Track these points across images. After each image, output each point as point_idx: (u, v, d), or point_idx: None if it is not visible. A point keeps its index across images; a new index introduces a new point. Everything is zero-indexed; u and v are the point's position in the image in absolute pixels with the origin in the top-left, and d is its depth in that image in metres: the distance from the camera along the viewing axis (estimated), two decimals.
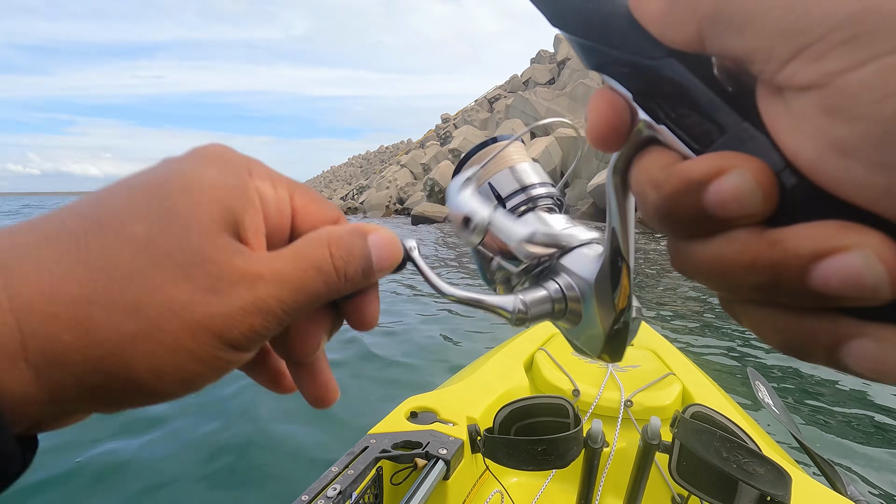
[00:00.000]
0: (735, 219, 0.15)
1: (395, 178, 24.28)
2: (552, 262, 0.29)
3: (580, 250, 0.28)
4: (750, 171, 0.14)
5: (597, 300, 0.27)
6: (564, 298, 0.28)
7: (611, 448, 1.03)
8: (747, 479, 0.63)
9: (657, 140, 0.18)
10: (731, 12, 0.14)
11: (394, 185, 23.63)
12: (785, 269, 0.14)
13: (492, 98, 29.62)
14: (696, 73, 0.17)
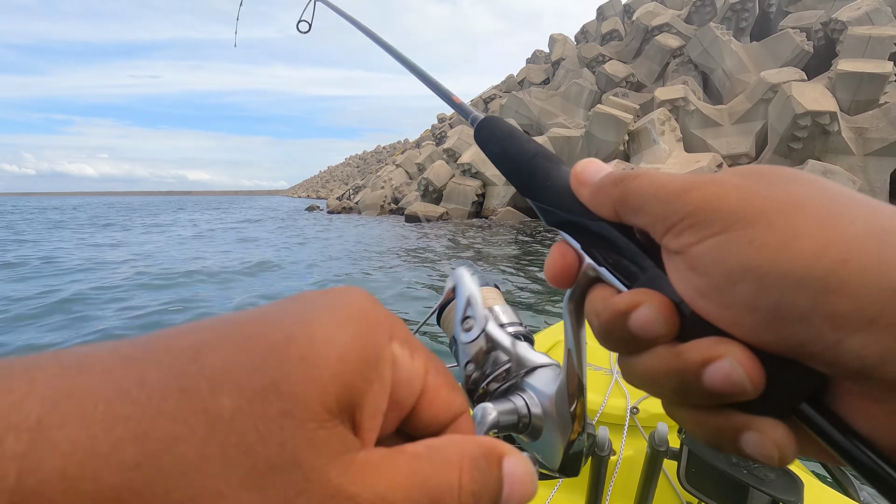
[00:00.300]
0: (651, 339, 0.20)
1: (391, 178, 24.28)
2: (519, 379, 0.32)
3: (543, 370, 0.32)
4: (655, 304, 0.20)
5: (556, 417, 0.30)
6: (529, 414, 0.31)
7: (618, 456, 1.01)
8: (758, 485, 0.62)
9: (600, 279, 0.24)
10: (630, 202, 0.22)
11: (388, 184, 23.63)
12: (687, 374, 0.19)
13: (487, 98, 29.57)
14: (623, 232, 0.23)
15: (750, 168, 0.20)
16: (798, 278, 0.17)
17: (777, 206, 0.18)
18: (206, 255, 9.48)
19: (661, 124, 13.49)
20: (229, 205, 55.02)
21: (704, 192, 0.19)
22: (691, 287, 0.20)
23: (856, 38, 13.65)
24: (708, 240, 0.19)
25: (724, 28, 16.93)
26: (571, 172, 0.25)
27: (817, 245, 0.17)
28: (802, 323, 0.17)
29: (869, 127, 11.06)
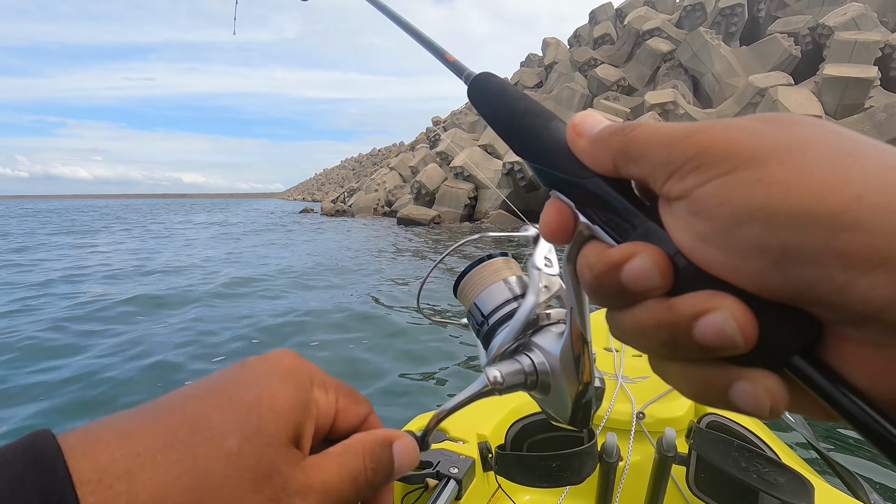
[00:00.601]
0: (644, 291, 0.20)
1: (384, 181, 24.33)
2: (525, 339, 0.34)
3: (549, 328, 0.34)
4: (650, 255, 0.20)
5: (563, 373, 0.32)
6: (536, 372, 0.33)
7: (625, 462, 0.99)
8: (768, 490, 0.60)
9: (594, 237, 0.24)
10: (631, 151, 0.21)
11: (382, 187, 23.68)
12: (678, 327, 0.19)
13: None
14: (617, 189, 0.23)
15: (757, 114, 0.20)
16: (810, 215, 0.16)
17: (789, 145, 0.17)
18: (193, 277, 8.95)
19: None
20: (222, 208, 53.52)
21: (712, 134, 0.19)
22: (692, 233, 0.19)
23: (842, 44, 13.82)
24: (714, 180, 0.18)
25: (713, 33, 17.10)
26: (568, 125, 0.25)
27: (832, 180, 0.16)
28: (811, 263, 0.16)
29: (854, 131, 11.19)
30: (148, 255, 10.20)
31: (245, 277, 7.21)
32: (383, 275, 7.49)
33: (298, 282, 6.85)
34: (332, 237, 13.49)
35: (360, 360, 3.70)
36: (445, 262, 6.15)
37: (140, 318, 4.91)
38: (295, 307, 5.30)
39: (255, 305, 5.45)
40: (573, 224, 0.25)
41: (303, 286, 6.54)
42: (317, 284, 6.68)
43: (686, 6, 19.87)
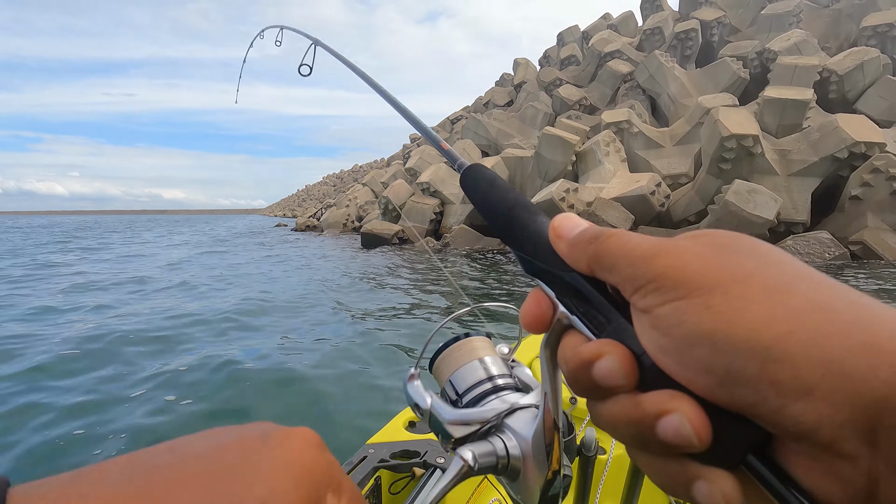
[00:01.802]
0: (612, 388, 0.22)
1: (356, 197, 24.47)
2: (500, 421, 0.35)
3: (521, 412, 0.35)
4: (617, 356, 0.22)
5: (534, 459, 0.32)
6: (508, 456, 0.33)
7: (608, 455, 1.03)
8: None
9: (572, 326, 0.25)
10: (604, 260, 0.24)
11: (353, 203, 23.80)
12: (643, 424, 0.21)
13: (454, 118, 30.21)
14: (594, 285, 0.25)
15: (709, 236, 0.23)
16: (747, 345, 0.19)
17: (731, 275, 0.20)
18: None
19: (606, 145, 14.07)
20: (183, 225, 51.41)
21: (669, 259, 0.22)
22: (654, 344, 0.21)
23: (783, 67, 14.58)
24: (670, 303, 0.21)
25: (668, 56, 17.84)
26: (550, 225, 0.27)
27: (765, 315, 0.19)
28: (750, 387, 0.19)
29: (791, 149, 11.78)
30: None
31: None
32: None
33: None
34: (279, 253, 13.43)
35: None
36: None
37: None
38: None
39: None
40: (552, 313, 0.27)
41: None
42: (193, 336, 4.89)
43: (646, 30, 20.71)
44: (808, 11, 18.80)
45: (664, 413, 0.20)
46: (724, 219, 10.68)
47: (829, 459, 0.18)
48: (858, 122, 11.28)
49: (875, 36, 15.84)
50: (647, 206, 12.46)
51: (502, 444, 0.33)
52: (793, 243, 10.16)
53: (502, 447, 0.33)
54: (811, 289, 0.20)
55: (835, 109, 13.91)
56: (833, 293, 0.19)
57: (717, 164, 11.63)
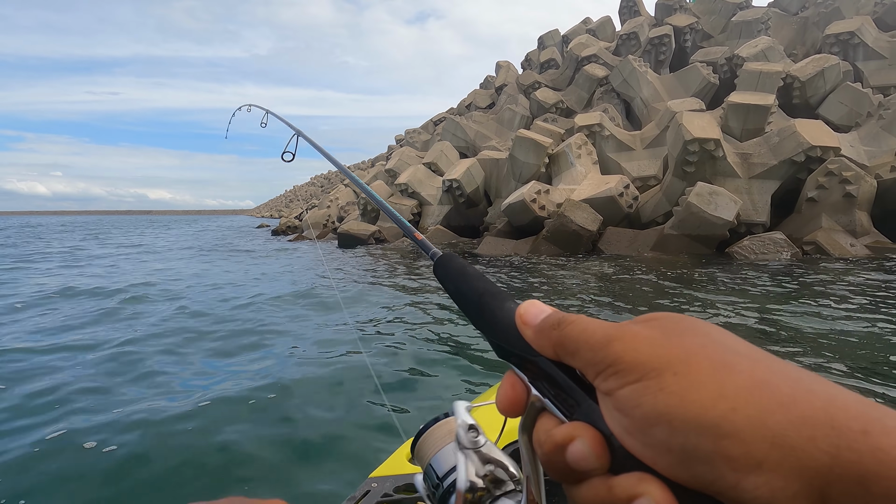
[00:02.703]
0: (586, 471, 0.24)
1: (338, 198, 24.57)
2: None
3: (506, 497, 0.35)
4: (588, 439, 0.24)
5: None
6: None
7: None
8: None
9: (545, 408, 0.27)
10: (567, 346, 0.26)
11: (335, 203, 23.90)
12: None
13: (437, 120, 30.45)
14: (563, 368, 0.26)
15: (658, 320, 0.25)
16: (699, 424, 0.20)
17: (679, 356, 0.22)
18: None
19: (578, 148, 14.39)
20: (167, 227, 47.50)
21: (624, 345, 0.23)
22: (619, 425, 0.23)
23: (749, 73, 15.05)
24: (628, 386, 0.22)
25: (641, 60, 18.26)
26: (516, 313, 0.29)
27: (712, 394, 0.20)
28: (707, 464, 0.20)
29: (753, 153, 12.19)
30: None
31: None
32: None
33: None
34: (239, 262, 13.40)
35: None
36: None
37: None
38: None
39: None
40: (526, 396, 0.28)
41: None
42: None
43: (622, 35, 21.14)
44: (777, 19, 19.38)
45: (634, 497, 0.21)
46: (687, 220, 11.03)
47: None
48: (815, 127, 11.72)
49: (837, 43, 16.40)
50: (615, 208, 12.78)
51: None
52: (749, 243, 10.53)
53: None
54: (752, 366, 0.21)
55: (799, 114, 14.39)
56: (772, 369, 0.21)
57: (682, 166, 12.00)
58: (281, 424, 2.84)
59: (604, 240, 12.47)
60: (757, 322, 4.79)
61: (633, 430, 0.22)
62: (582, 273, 8.73)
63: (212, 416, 2.85)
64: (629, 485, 0.22)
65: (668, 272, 8.61)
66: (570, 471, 0.24)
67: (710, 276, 7.93)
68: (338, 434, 2.71)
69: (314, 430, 2.75)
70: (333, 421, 2.89)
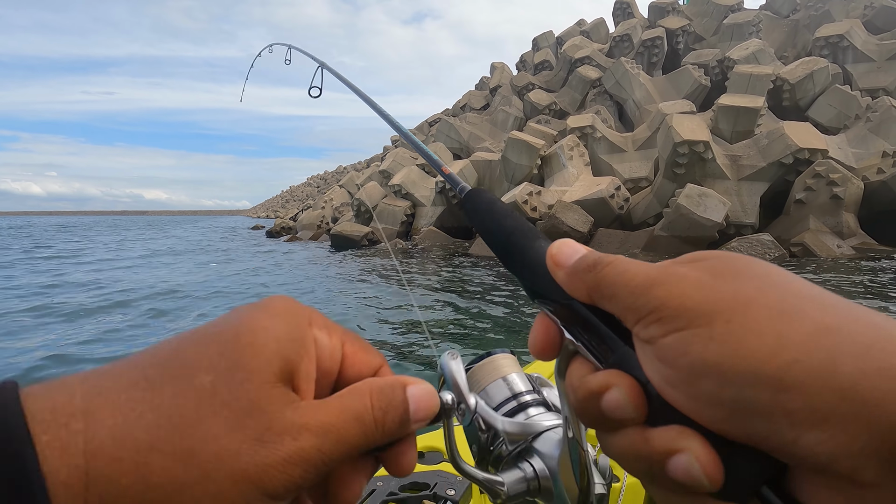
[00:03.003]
0: (621, 420, 0.22)
1: (332, 199, 24.59)
2: (527, 444, 0.35)
3: (548, 434, 0.35)
4: (625, 388, 0.22)
5: (563, 479, 0.32)
6: (538, 478, 0.33)
7: (622, 483, 1.00)
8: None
9: (578, 353, 0.26)
10: (603, 290, 0.24)
11: (329, 204, 23.92)
12: (653, 462, 0.21)
13: (432, 121, 30.51)
14: (597, 313, 0.25)
15: (708, 260, 0.23)
16: (755, 376, 0.18)
17: (732, 302, 0.20)
18: None
19: (570, 150, 14.48)
20: (153, 229, 45.48)
21: (668, 289, 0.22)
22: (659, 375, 0.21)
23: (739, 76, 15.17)
24: (672, 334, 0.21)
25: (633, 62, 18.37)
26: (547, 253, 0.27)
27: (771, 343, 0.18)
28: (762, 418, 0.18)
29: (742, 155, 12.30)
30: None
31: None
32: None
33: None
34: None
35: None
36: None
37: None
38: None
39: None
40: (560, 340, 0.27)
41: None
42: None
43: (615, 37, 21.26)
44: (768, 21, 19.53)
45: (673, 452, 0.20)
46: (677, 221, 11.12)
47: (850, 489, 0.17)
48: (803, 130, 11.84)
49: (827, 46, 16.55)
50: (606, 209, 12.87)
51: (531, 468, 0.34)
52: (737, 244, 10.63)
53: (531, 471, 0.34)
54: (820, 311, 0.19)
55: (788, 116, 14.51)
56: (845, 315, 0.19)
57: (672, 168, 12.09)
58: None
59: (595, 241, 12.55)
60: None
61: (677, 380, 0.20)
62: None
63: None
64: (668, 438, 0.21)
65: None
66: (604, 419, 0.23)
67: None
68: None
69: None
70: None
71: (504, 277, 8.41)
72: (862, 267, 8.68)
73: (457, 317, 5.65)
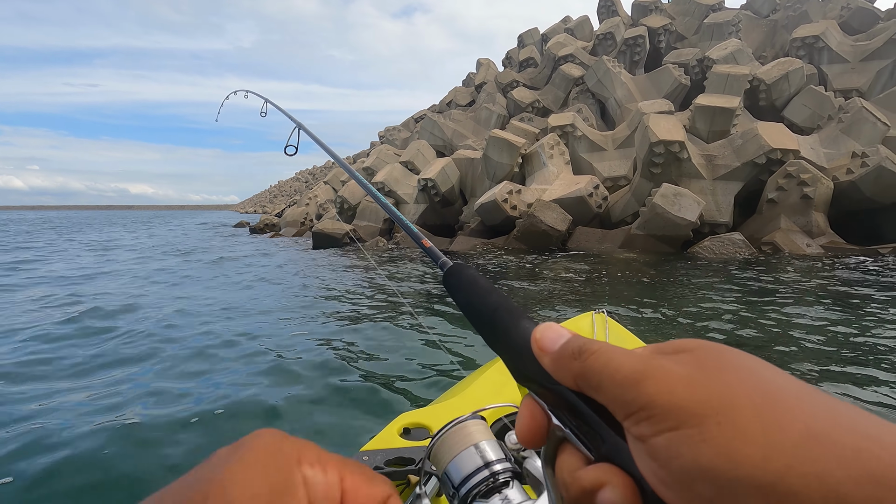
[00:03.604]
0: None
1: (317, 195, 24.49)
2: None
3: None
4: (619, 486, 0.22)
5: None
6: None
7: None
8: None
9: (567, 439, 0.25)
10: (590, 379, 0.23)
11: (314, 201, 23.84)
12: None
13: (418, 117, 30.46)
14: (586, 400, 0.24)
15: (692, 353, 0.22)
16: (751, 482, 0.18)
17: (722, 401, 0.20)
18: None
19: (551, 148, 14.58)
20: (109, 226, 39.90)
21: (656, 385, 0.21)
22: (653, 474, 0.21)
23: (717, 76, 15.38)
24: (664, 434, 0.20)
25: (615, 61, 18.50)
26: (531, 337, 0.27)
27: (763, 448, 0.18)
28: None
29: (717, 154, 12.49)
30: None
31: None
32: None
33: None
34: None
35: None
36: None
37: None
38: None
39: None
40: (547, 425, 0.26)
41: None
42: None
43: (599, 35, 21.37)
44: (747, 22, 19.78)
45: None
46: (652, 220, 11.30)
47: None
48: (776, 130, 12.05)
49: (804, 47, 16.82)
50: (585, 208, 13.01)
51: None
52: (709, 243, 10.83)
53: None
54: (807, 413, 0.19)
55: (765, 116, 14.76)
56: (832, 418, 0.19)
57: (649, 168, 12.25)
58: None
59: (573, 239, 12.70)
60: (710, 318, 5.00)
61: (672, 482, 0.20)
62: (550, 270, 8.93)
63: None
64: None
65: (632, 270, 8.84)
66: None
67: (670, 274, 8.18)
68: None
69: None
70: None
71: (490, 269, 8.47)
72: (826, 267, 8.91)
73: (435, 300, 5.72)
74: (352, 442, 2.40)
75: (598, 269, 9.04)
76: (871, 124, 12.70)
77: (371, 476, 0.25)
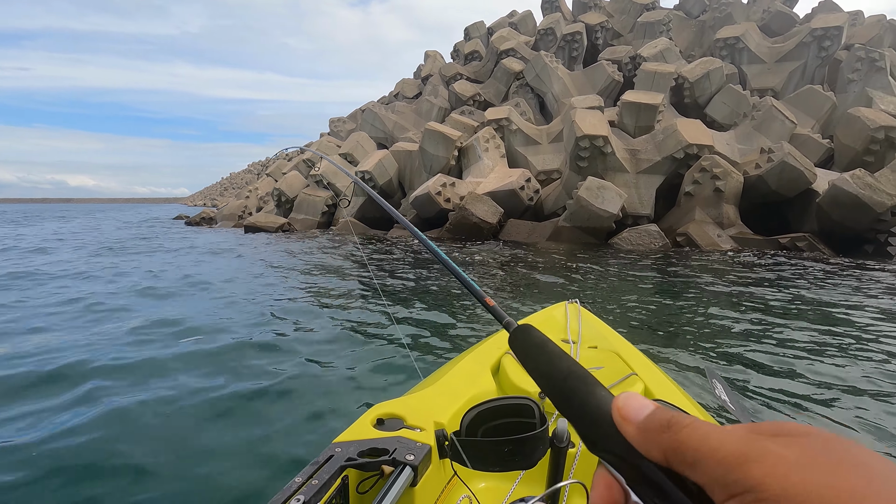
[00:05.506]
0: None
1: (257, 188, 23.76)
2: None
3: None
4: None
5: None
6: None
7: (577, 448, 1.00)
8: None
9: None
10: (685, 455, 0.21)
11: (254, 194, 23.12)
12: None
13: (364, 109, 29.99)
14: (671, 477, 0.22)
15: (800, 438, 0.21)
16: None
17: (843, 494, 0.18)
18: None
19: (486, 142, 14.73)
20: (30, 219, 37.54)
21: (766, 468, 0.20)
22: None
23: (646, 73, 15.96)
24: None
25: (553, 56, 18.86)
26: (613, 405, 0.25)
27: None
28: None
29: (640, 149, 12.98)
30: None
31: None
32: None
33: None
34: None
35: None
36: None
37: None
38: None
39: None
40: (624, 501, 0.24)
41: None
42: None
43: (540, 30, 21.70)
44: (678, 21, 20.60)
45: None
46: (578, 213, 11.63)
47: None
48: (693, 126, 12.64)
49: (726, 47, 17.71)
50: (517, 201, 13.24)
51: None
52: (627, 234, 11.28)
53: None
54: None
55: (690, 113, 15.45)
56: None
57: (576, 161, 12.59)
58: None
59: (505, 230, 12.91)
60: (627, 301, 5.17)
61: None
62: (484, 256, 9.08)
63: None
64: None
65: (555, 259, 9.10)
66: None
67: (589, 263, 8.48)
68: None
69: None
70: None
71: (419, 256, 8.47)
72: (736, 258, 9.46)
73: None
74: (324, 433, 2.36)
75: (526, 257, 9.24)
76: (780, 122, 13.53)
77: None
